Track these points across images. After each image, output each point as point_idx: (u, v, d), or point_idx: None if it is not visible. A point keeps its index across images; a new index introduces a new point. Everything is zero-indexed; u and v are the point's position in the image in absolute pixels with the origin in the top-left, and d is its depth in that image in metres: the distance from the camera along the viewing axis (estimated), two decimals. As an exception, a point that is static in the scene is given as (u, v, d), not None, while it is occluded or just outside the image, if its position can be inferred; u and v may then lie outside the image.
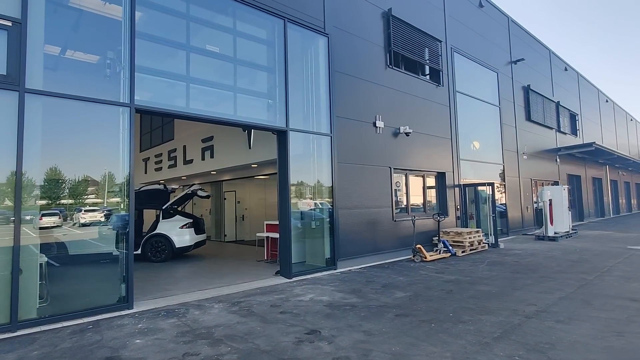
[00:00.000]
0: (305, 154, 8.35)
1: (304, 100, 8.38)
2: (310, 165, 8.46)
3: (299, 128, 8.08)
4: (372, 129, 9.78)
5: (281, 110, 7.86)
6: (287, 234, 7.65)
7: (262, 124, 7.48)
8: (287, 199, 7.69)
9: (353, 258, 8.89)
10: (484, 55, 14.63)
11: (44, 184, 5.16)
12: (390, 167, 10.13)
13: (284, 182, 7.78)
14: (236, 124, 7.18)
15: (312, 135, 8.39)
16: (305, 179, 8.33)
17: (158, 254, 10.14)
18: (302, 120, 8.25)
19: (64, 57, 5.49)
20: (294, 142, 7.91)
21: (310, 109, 8.47)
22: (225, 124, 7.12)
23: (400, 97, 10.67)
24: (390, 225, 9.93)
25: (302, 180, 8.22)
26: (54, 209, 5.37)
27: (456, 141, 12.62)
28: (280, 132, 7.85)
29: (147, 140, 18.25)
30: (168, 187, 10.99)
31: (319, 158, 8.56)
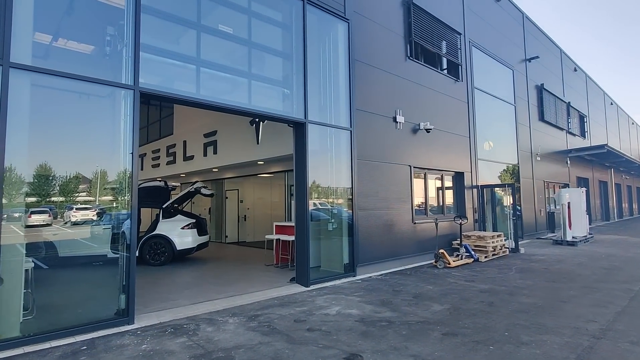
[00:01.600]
0: (322, 149, 7.61)
1: (321, 91, 7.64)
2: (328, 162, 7.72)
3: (317, 120, 7.33)
4: (392, 124, 9.07)
5: (299, 101, 7.11)
6: (305, 237, 6.90)
7: (278, 114, 6.72)
8: (304, 198, 6.95)
9: (372, 264, 8.16)
10: (500, 51, 14.01)
11: (34, 179, 4.37)
12: (410, 166, 9.43)
13: (302, 180, 7.03)
14: (251, 113, 6.42)
15: (330, 129, 7.65)
16: (323, 176, 7.59)
17: (157, 257, 9.33)
18: (320, 112, 7.51)
19: (57, 30, 4.70)
20: (311, 135, 7.17)
21: (328, 100, 7.74)
22: (238, 113, 6.36)
23: (419, 91, 9.97)
24: (409, 228, 9.22)
25: (319, 178, 7.48)
26: (44, 206, 4.58)
27: (474, 140, 11.97)
28: (298, 124, 7.10)
29: (144, 135, 17.37)
30: (169, 185, 10.19)
31: (337, 154, 7.82)
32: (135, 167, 4.99)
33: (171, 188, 10.32)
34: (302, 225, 6.98)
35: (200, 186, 10.13)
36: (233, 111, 6.23)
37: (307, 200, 6.95)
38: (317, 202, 7.52)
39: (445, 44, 11.08)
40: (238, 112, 6.33)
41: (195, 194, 10.36)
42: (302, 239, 6.96)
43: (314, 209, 7.33)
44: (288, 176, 11.58)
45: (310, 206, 7.11)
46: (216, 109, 6.10)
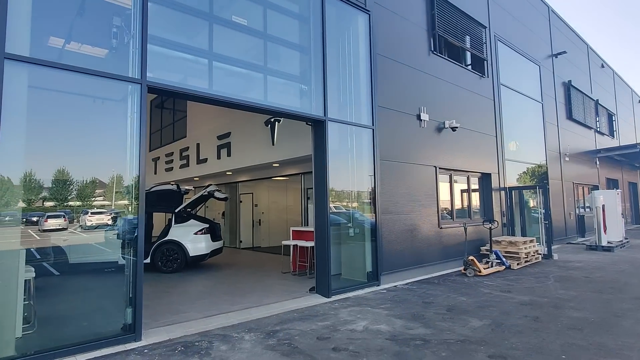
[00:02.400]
0: (342, 149, 7.10)
1: (341, 87, 7.14)
2: (349, 163, 7.20)
3: (337, 118, 6.83)
4: (416, 122, 8.51)
5: (317, 97, 6.63)
6: (326, 243, 6.39)
7: (295, 111, 6.24)
8: (324, 201, 6.44)
9: (397, 272, 7.59)
10: (526, 46, 13.30)
11: (24, 180, 3.98)
12: (435, 167, 8.84)
13: (321, 182, 6.53)
14: (266, 110, 5.95)
15: (351, 127, 7.14)
16: (343, 178, 7.07)
17: (169, 264, 8.94)
18: (340, 109, 7.00)
19: (58, 19, 4.32)
20: (331, 134, 6.67)
21: (348, 97, 7.23)
22: (253, 110, 5.90)
23: (444, 87, 9.39)
24: (435, 233, 8.62)
25: (339, 179, 6.96)
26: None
27: (501, 139, 11.29)
28: (317, 122, 6.61)
29: (157, 138, 17.17)
30: (182, 188, 9.82)
31: (358, 154, 7.30)
32: (142, 169, 4.56)
33: (184, 192, 9.95)
34: (323, 231, 6.47)
35: (214, 189, 9.72)
36: (248, 108, 5.78)
37: (328, 204, 6.44)
38: (337, 206, 7.01)
39: (469, 38, 10.48)
40: (253, 109, 5.88)
41: (209, 197, 9.96)
42: (323, 246, 6.45)
43: (333, 213, 6.81)
44: (305, 179, 11.12)
45: (330, 210, 6.60)
46: (230, 106, 5.65)
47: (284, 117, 6.33)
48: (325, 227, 6.42)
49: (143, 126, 4.61)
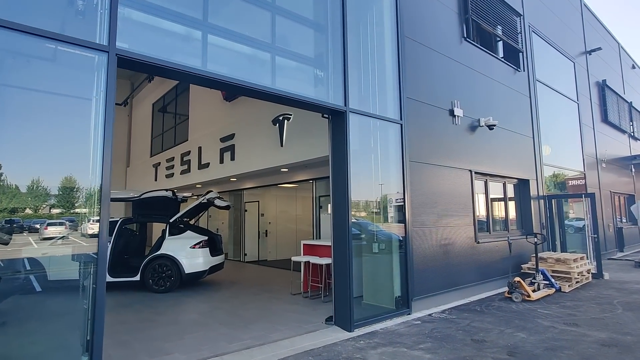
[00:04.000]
0: (364, 147, 5.88)
1: (362, 74, 5.96)
2: (372, 164, 5.98)
3: (360, 109, 5.64)
4: (448, 118, 7.28)
5: (336, 84, 5.45)
6: (347, 262, 5.14)
7: (310, 99, 5.06)
8: (345, 210, 5.21)
9: (430, 296, 6.30)
10: (560, 40, 12.04)
11: None
12: (470, 171, 7.58)
13: (342, 186, 5.31)
14: (275, 96, 4.77)
15: (375, 122, 5.94)
16: (365, 183, 5.84)
17: (161, 282, 7.75)
18: (361, 100, 5.80)
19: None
20: (352, 129, 5.46)
21: (371, 85, 6.05)
22: (259, 95, 4.73)
23: (477, 79, 8.17)
24: (471, 249, 7.31)
25: (361, 184, 5.72)
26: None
27: (538, 141, 9.99)
28: (336, 113, 5.43)
29: (159, 143, 16.15)
30: (178, 195, 8.66)
31: (383, 154, 6.08)
32: (106, 168, 3.40)
33: (181, 199, 8.80)
34: (343, 247, 5.23)
35: (214, 196, 8.55)
36: (251, 92, 4.61)
37: (349, 213, 5.20)
38: (358, 216, 5.77)
39: (503, 27, 9.27)
40: (258, 95, 4.71)
41: (209, 206, 8.80)
42: (343, 265, 5.20)
43: (354, 225, 5.56)
44: (317, 186, 9.92)
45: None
46: (229, 88, 4.50)
47: (295, 106, 5.16)
48: (346, 242, 5.18)
49: (110, 108, 3.46)
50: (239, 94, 4.77)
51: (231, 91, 4.75)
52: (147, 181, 16.02)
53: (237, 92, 4.68)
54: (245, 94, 4.71)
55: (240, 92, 4.67)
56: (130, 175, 18.60)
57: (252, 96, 4.82)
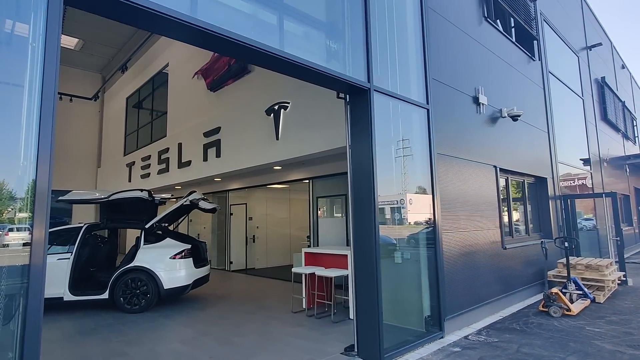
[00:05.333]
0: (383, 136, 4.83)
1: (378, 46, 4.92)
2: (392, 157, 4.95)
3: (386, 89, 4.61)
4: (472, 106, 6.37)
5: (356, 55, 4.41)
6: (374, 278, 4.09)
7: (326, 70, 3.98)
8: (371, 212, 4.17)
9: (462, 313, 5.32)
10: (566, 32, 11.45)
11: None
12: (495, 167, 6.69)
13: (365, 182, 4.27)
14: (283, 62, 3.64)
15: (396, 105, 4.92)
16: (384, 179, 4.80)
17: (135, 300, 6.48)
18: (380, 77, 4.77)
19: None
20: (364, 113, 4.40)
21: (390, 60, 5.03)
22: (264, 59, 3.63)
23: (495, 65, 7.32)
24: (497, 256, 6.40)
25: (379, 180, 4.67)
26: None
27: (553, 136, 9.26)
28: (357, 91, 4.38)
29: (133, 140, 14.70)
30: (155, 197, 7.41)
31: (406, 144, 5.07)
32: (44, 155, 2.24)
33: (158, 201, 7.55)
34: (367, 258, 4.18)
35: (198, 197, 7.35)
36: (255, 55, 3.50)
37: (375, 217, 4.16)
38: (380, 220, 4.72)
39: (519, 11, 8.48)
40: (263, 59, 3.61)
41: (192, 208, 7.58)
42: (368, 281, 4.15)
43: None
44: (314, 186, 8.83)
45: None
46: (226, 47, 3.39)
47: (307, 78, 4.08)
48: (373, 253, 4.13)
49: (51, 65, 2.30)
50: (239, 57, 3.66)
51: (228, 53, 3.63)
52: (120, 182, 14.53)
53: (237, 54, 3.57)
54: (246, 57, 3.62)
55: (241, 55, 3.56)
56: (101, 176, 16.99)
57: (256, 62, 3.73)
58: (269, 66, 3.81)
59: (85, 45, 15.45)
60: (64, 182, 15.76)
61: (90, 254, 7.02)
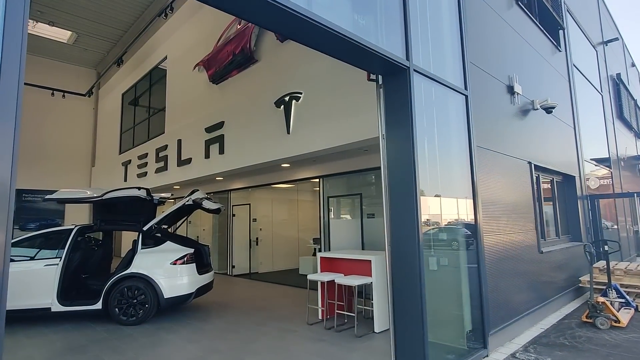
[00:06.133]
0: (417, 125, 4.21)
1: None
2: (425, 148, 4.33)
3: (426, 70, 3.99)
4: (506, 95, 5.77)
5: (392, 30, 3.79)
6: (417, 289, 3.46)
7: (359, 40, 3.33)
8: (413, 210, 3.55)
9: (504, 327, 4.71)
10: (586, 25, 10.92)
11: None
12: (530, 163, 6.10)
13: (406, 175, 3.65)
14: (308, 23, 2.98)
15: (433, 88, 4.30)
16: (419, 173, 4.17)
17: (132, 311, 5.81)
18: (415, 58, 4.14)
19: None
20: (402, 96, 3.78)
21: (425, 38, 4.41)
22: (283, 17, 2.99)
23: (526, 52, 6.74)
24: (534, 261, 5.80)
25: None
26: None
27: (578, 131, 8.70)
28: (394, 71, 3.77)
29: (129, 138, 14.01)
30: (154, 196, 6.75)
31: (442, 134, 4.46)
32: (4, 147, 1.59)
33: (157, 201, 6.89)
34: (409, 265, 3.55)
35: (202, 197, 6.70)
36: (272, 11, 2.86)
37: (418, 216, 3.54)
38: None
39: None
40: (281, 17, 2.97)
41: (195, 208, 6.92)
42: (410, 293, 3.52)
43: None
44: (326, 184, 8.20)
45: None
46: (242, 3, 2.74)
47: (336, 49, 3.41)
48: (416, 259, 3.50)
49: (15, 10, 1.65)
50: (254, 18, 2.95)
51: (244, 10, 2.93)
52: (116, 182, 13.83)
53: (253, 13, 2.91)
54: (264, 18, 2.95)
55: (258, 15, 2.90)
56: (95, 175, 16.27)
57: (276, 25, 3.07)
58: (292, 31, 3.17)
59: (78, 38, 14.77)
60: (55, 182, 15.03)
61: (82, 260, 6.34)
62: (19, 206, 14.54)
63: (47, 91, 15.47)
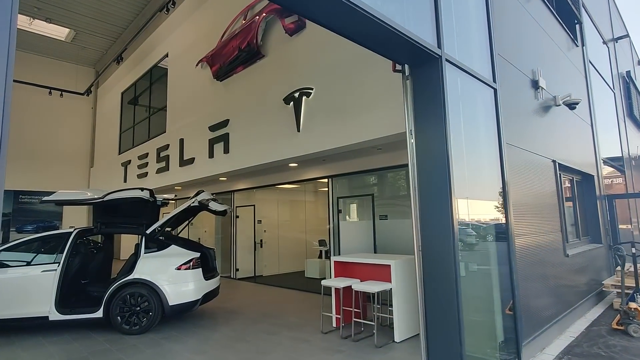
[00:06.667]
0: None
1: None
2: (452, 146, 4.02)
3: (456, 59, 3.69)
4: (530, 90, 5.48)
5: (421, 15, 3.47)
6: (453, 296, 3.16)
7: (387, 21, 3.00)
8: (447, 208, 3.25)
9: (536, 336, 4.40)
10: (598, 20, 10.65)
11: None
12: (554, 161, 5.80)
13: (439, 171, 3.35)
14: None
15: (460, 79, 3.98)
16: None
17: (135, 319, 5.48)
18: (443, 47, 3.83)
19: None
20: (434, 88, 3.47)
21: (451, 25, 4.10)
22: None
23: (548, 46, 6.45)
24: (559, 265, 5.50)
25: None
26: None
27: (596, 129, 8.42)
28: (424, 59, 3.46)
29: (129, 138, 13.67)
30: (157, 197, 6.43)
31: (470, 130, 4.15)
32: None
33: (160, 202, 6.56)
34: (444, 269, 3.25)
35: (208, 198, 6.37)
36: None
37: (453, 215, 3.23)
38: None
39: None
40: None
41: (200, 210, 6.59)
42: (445, 301, 3.21)
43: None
44: (336, 185, 7.89)
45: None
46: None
47: (360, 35, 3.09)
48: (451, 263, 3.20)
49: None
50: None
51: None
52: (115, 183, 13.48)
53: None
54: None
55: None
56: (94, 176, 15.91)
57: (289, 2, 2.74)
58: (311, 10, 2.83)
59: (77, 36, 14.42)
60: (53, 183, 14.68)
61: (82, 265, 6.00)
62: (15, 208, 14.17)
63: (45, 90, 15.12)
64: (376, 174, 7.18)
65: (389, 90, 5.31)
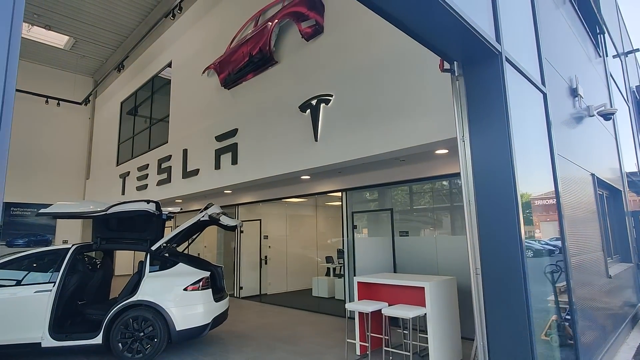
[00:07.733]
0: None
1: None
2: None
3: (513, 57, 3.31)
4: (568, 98, 5.12)
5: (478, 3, 3.10)
6: (524, 318, 2.69)
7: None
8: (514, 219, 2.81)
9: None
10: (612, 31, 10.50)
11: None
12: (593, 175, 5.42)
13: (502, 178, 2.92)
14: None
15: (517, 81, 3.60)
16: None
17: (138, 346, 4.92)
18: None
19: None
20: (493, 90, 3.09)
21: (508, 22, 3.74)
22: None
23: (578, 54, 6.15)
24: (603, 287, 5.06)
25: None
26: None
27: (619, 141, 8.11)
28: (481, 56, 3.07)
29: (128, 148, 13.17)
30: (163, 210, 5.93)
31: (520, 138, 3.74)
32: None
33: (166, 216, 6.06)
34: (511, 291, 2.79)
35: (218, 212, 5.89)
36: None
37: (520, 230, 2.80)
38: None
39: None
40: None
41: (209, 224, 6.10)
42: (515, 326, 2.75)
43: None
44: (350, 198, 7.45)
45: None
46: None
47: (409, 18, 2.71)
48: (521, 282, 2.74)
49: None
50: None
51: None
52: (112, 195, 12.93)
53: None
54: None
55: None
56: (90, 188, 15.32)
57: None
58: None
59: (76, 44, 14.04)
60: (46, 195, 14.08)
61: (79, 284, 5.45)
62: (6, 221, 13.51)
63: (41, 99, 14.65)
64: (397, 188, 6.76)
65: (419, 96, 4.93)
